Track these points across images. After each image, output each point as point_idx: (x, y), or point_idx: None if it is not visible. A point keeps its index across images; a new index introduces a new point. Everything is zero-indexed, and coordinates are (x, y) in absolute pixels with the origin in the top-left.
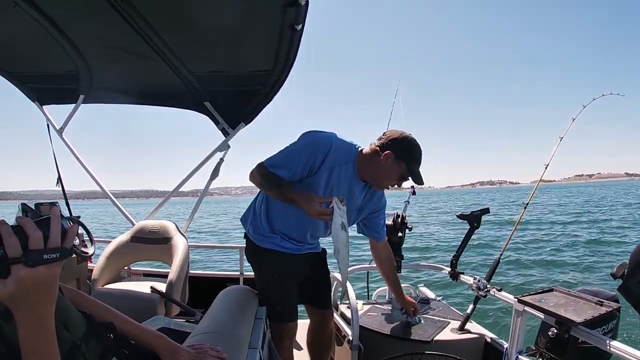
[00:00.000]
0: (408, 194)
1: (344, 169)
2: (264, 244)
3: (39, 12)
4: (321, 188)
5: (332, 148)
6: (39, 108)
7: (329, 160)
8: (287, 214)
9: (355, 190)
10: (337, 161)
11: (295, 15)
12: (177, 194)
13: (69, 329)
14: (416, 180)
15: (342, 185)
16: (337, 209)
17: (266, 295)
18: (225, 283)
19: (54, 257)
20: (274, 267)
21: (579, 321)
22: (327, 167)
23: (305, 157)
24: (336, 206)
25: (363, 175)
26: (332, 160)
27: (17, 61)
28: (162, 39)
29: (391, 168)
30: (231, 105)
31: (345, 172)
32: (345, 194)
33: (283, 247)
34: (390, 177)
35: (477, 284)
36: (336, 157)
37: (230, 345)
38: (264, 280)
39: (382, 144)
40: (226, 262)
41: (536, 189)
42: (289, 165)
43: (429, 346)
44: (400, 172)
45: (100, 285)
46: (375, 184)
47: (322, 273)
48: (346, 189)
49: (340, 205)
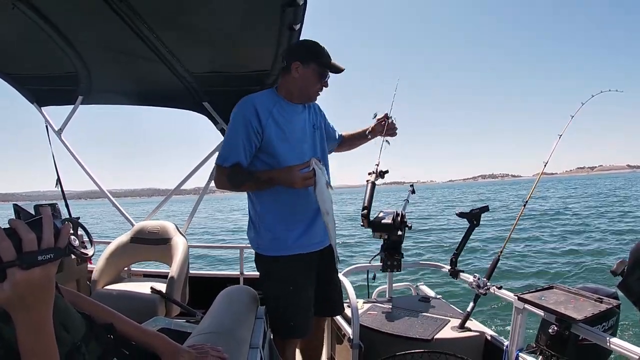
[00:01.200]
0: (407, 193)
1: (277, 108)
2: (269, 251)
3: (37, 13)
4: (281, 140)
5: (256, 102)
6: (38, 109)
7: (262, 114)
8: (279, 203)
9: (301, 117)
10: (268, 107)
11: (293, 15)
12: (178, 192)
13: (69, 331)
14: (334, 70)
15: (292, 121)
16: (318, 169)
17: (279, 311)
18: (226, 283)
19: (48, 257)
20: (289, 276)
21: (579, 318)
22: (266, 120)
23: (242, 128)
24: (316, 167)
25: (292, 99)
26: (265, 111)
27: (16, 62)
28: (161, 40)
29: (306, 74)
30: (230, 106)
31: (281, 109)
32: (298, 127)
33: (291, 246)
34: (310, 83)
35: (477, 282)
36: (265, 106)
37: (231, 345)
38: (275, 293)
39: (286, 61)
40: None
41: (536, 186)
42: (235, 147)
43: (429, 344)
44: (316, 72)
45: (100, 286)
46: (305, 97)
47: (332, 273)
48: (298, 122)
49: (320, 164)
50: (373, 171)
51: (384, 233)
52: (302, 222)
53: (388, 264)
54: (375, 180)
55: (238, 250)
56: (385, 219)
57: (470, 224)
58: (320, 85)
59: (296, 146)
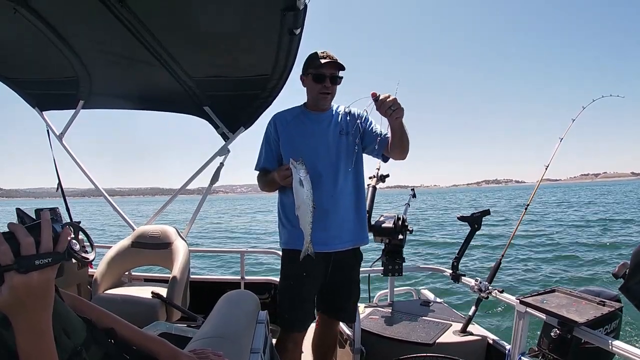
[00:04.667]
0: (408, 197)
1: (298, 119)
2: (283, 244)
3: (38, 18)
4: (287, 145)
5: (276, 117)
6: (39, 114)
7: (279, 124)
8: (286, 203)
9: (322, 124)
10: (287, 119)
11: (293, 20)
12: (182, 192)
13: (69, 335)
14: (323, 64)
15: (308, 128)
16: (293, 168)
17: (280, 300)
18: (226, 288)
19: (46, 262)
20: (290, 270)
21: (582, 321)
22: (283, 128)
23: (264, 137)
24: (292, 166)
25: (312, 108)
26: (283, 121)
27: (17, 67)
28: (162, 44)
29: (308, 83)
30: (231, 110)
31: (301, 119)
32: (315, 133)
33: (296, 242)
34: (312, 89)
35: (478, 285)
36: (284, 117)
37: (232, 349)
38: (281, 284)
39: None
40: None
41: (536, 191)
42: (260, 154)
43: (431, 349)
44: (312, 79)
45: (101, 290)
46: (316, 103)
47: (341, 280)
48: (316, 129)
49: (296, 164)
50: (374, 175)
51: (385, 237)
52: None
53: (389, 268)
54: (376, 184)
55: (239, 254)
56: (386, 223)
57: (471, 227)
58: (322, 89)
59: (304, 151)
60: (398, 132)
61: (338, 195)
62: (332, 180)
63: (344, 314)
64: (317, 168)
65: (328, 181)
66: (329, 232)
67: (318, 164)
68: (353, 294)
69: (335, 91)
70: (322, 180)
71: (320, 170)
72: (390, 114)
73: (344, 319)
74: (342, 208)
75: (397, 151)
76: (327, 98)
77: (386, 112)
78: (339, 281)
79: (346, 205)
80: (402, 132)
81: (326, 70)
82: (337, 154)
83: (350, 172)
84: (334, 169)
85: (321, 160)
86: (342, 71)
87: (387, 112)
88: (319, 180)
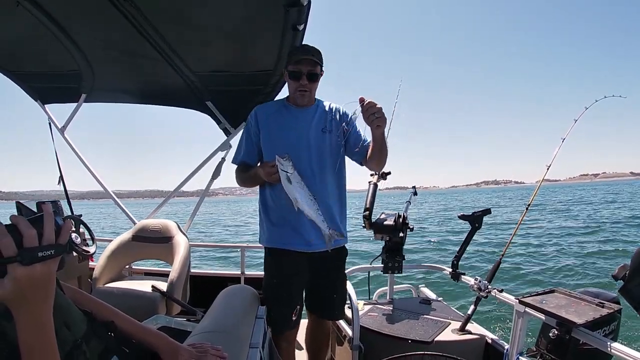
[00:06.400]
0: (409, 194)
1: (279, 113)
2: (263, 242)
3: (41, 11)
4: (267, 140)
5: (258, 109)
6: (41, 107)
7: (260, 117)
8: (268, 200)
9: (304, 120)
10: (268, 112)
11: (297, 15)
12: (181, 194)
13: (70, 328)
14: (300, 60)
15: (289, 124)
16: (279, 165)
17: (266, 299)
18: (227, 282)
19: (48, 254)
20: (275, 269)
21: (580, 322)
22: (264, 121)
23: (244, 131)
24: (278, 163)
25: (295, 103)
26: (263, 115)
27: (20, 60)
28: (164, 39)
29: (287, 79)
30: (233, 105)
31: (282, 114)
32: (296, 128)
33: (277, 240)
34: (290, 85)
35: (478, 284)
36: (265, 111)
37: (231, 344)
38: (264, 283)
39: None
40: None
41: (538, 190)
42: (239, 147)
43: (429, 347)
44: (288, 76)
45: (102, 284)
46: (296, 100)
47: (333, 279)
48: (297, 125)
49: (282, 160)
50: (375, 172)
51: (385, 235)
52: (287, 220)
53: (389, 265)
54: (377, 181)
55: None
56: (387, 221)
57: (471, 226)
58: (300, 82)
59: (282, 145)
60: (379, 142)
61: (318, 193)
62: (311, 177)
63: (330, 312)
64: (296, 164)
65: (307, 178)
66: (307, 231)
67: (296, 160)
68: (339, 292)
69: (315, 87)
70: (302, 177)
71: (299, 167)
72: (372, 120)
73: (330, 317)
74: (323, 206)
75: (374, 162)
76: (305, 95)
77: (369, 118)
78: (323, 281)
79: (328, 204)
80: (382, 144)
81: (303, 67)
82: (318, 152)
83: (332, 171)
84: (316, 166)
85: (300, 156)
86: (322, 66)
87: (370, 119)
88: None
